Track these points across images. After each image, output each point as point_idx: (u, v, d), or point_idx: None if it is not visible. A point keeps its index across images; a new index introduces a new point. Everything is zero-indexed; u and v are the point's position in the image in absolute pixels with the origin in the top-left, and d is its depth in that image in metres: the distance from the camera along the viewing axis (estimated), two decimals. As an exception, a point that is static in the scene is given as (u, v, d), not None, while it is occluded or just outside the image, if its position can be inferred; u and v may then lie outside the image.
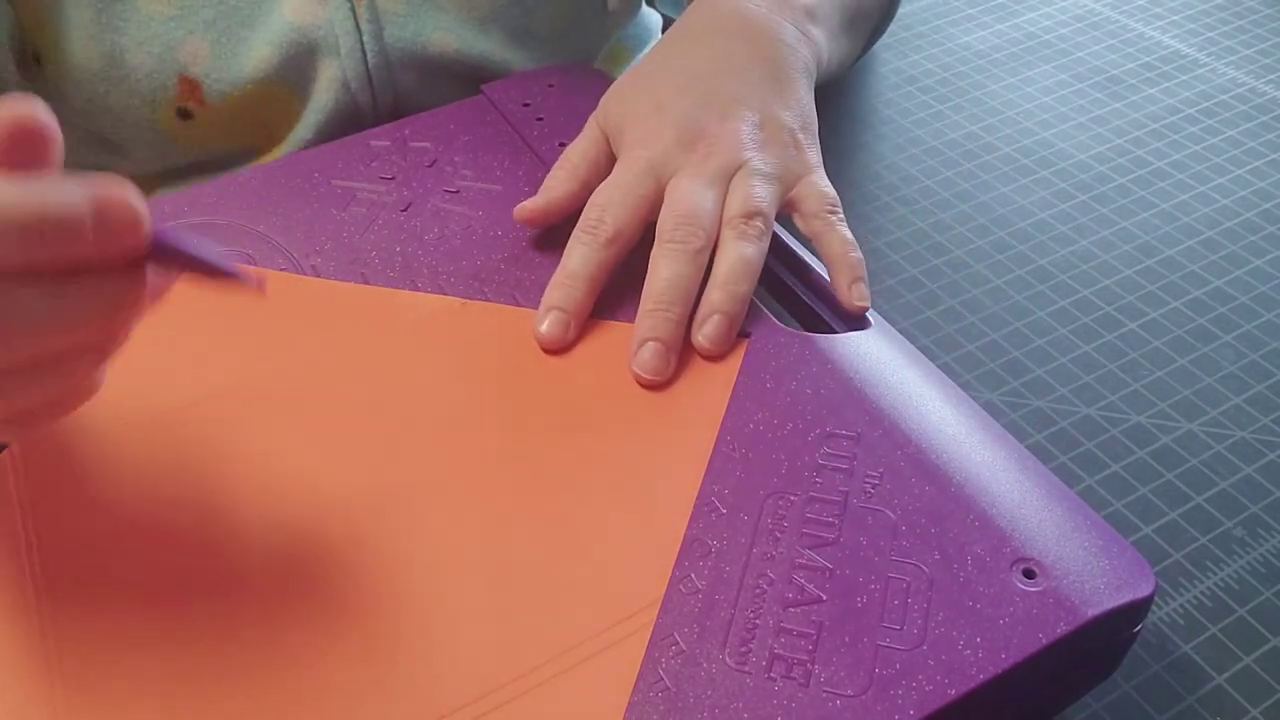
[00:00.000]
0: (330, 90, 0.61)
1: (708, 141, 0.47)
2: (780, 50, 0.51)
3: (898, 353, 0.43)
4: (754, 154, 0.47)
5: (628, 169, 0.47)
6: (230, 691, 0.34)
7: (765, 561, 0.36)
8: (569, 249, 0.45)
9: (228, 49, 0.59)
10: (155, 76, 0.59)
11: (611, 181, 0.47)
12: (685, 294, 0.44)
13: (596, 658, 0.34)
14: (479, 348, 0.45)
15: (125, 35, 0.59)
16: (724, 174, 0.46)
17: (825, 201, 0.47)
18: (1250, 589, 0.44)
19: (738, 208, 0.45)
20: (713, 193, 0.46)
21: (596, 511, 0.38)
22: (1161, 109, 0.69)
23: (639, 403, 0.42)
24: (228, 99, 0.60)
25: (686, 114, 0.48)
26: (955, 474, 0.38)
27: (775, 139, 0.48)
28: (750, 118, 0.48)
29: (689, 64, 0.51)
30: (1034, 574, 0.35)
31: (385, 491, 0.39)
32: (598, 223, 0.45)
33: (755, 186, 0.46)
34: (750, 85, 0.49)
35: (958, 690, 0.32)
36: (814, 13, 0.54)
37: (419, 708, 0.33)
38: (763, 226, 0.45)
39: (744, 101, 0.49)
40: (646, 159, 0.47)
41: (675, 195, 0.46)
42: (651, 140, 0.47)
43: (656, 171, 0.47)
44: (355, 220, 0.51)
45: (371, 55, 0.60)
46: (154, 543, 0.38)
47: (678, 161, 0.47)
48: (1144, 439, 0.50)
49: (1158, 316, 0.55)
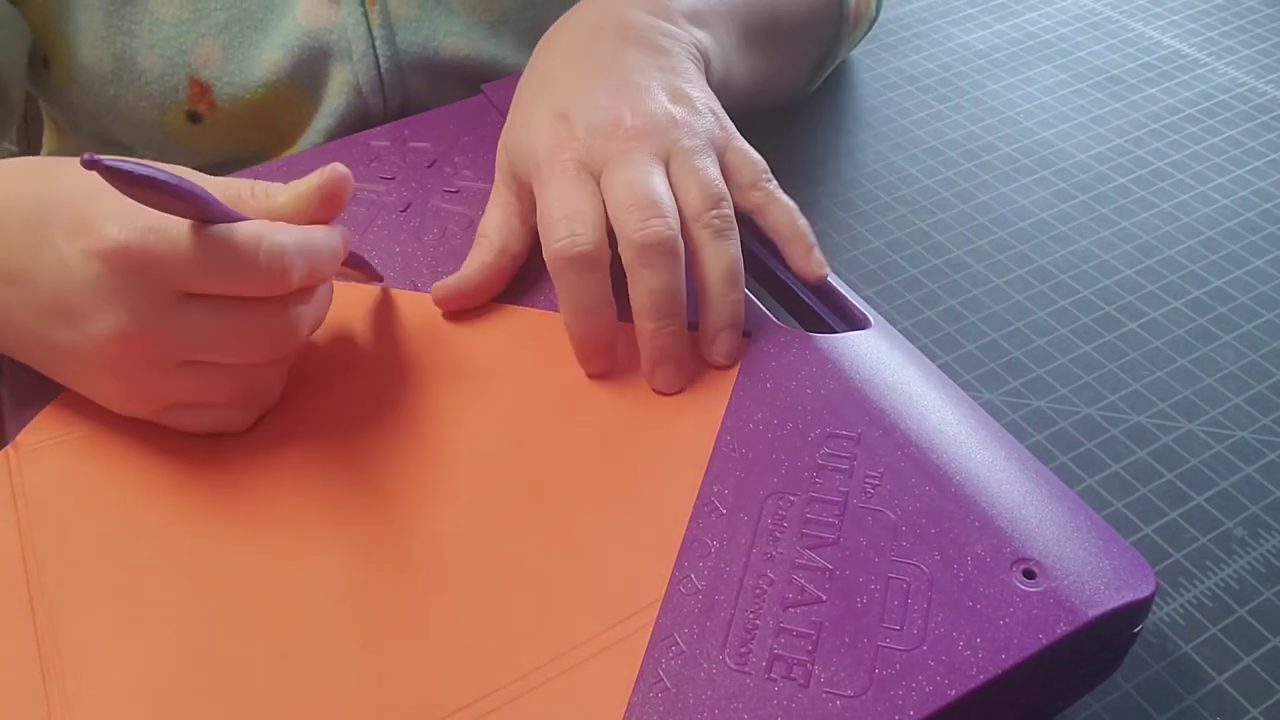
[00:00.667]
0: (341, 94, 0.61)
1: (627, 127, 0.44)
2: (663, 41, 0.49)
3: (898, 352, 0.43)
4: (679, 131, 0.45)
5: (560, 179, 0.43)
6: (229, 693, 0.34)
7: (765, 562, 0.36)
8: (562, 284, 0.42)
9: (239, 52, 0.59)
10: (166, 79, 0.59)
11: (554, 194, 0.43)
12: (678, 301, 0.42)
13: (596, 658, 0.34)
14: (478, 348, 0.45)
15: (136, 38, 0.58)
16: (658, 154, 0.44)
17: (758, 170, 0.46)
18: (1250, 589, 0.44)
19: (697, 198, 0.43)
20: (657, 174, 0.43)
21: (596, 512, 0.38)
22: (1161, 109, 0.69)
23: (639, 403, 0.42)
24: (238, 102, 0.60)
25: (596, 108, 0.45)
26: (955, 474, 0.38)
27: (691, 110, 0.46)
28: (659, 96, 0.46)
29: (580, 70, 0.48)
30: (1034, 574, 0.35)
31: (384, 491, 0.39)
32: (571, 242, 0.41)
33: (700, 169, 0.44)
34: (647, 71, 0.47)
35: (958, 691, 0.32)
36: (694, 17, 0.52)
37: (419, 708, 0.33)
38: (729, 213, 0.43)
39: (647, 85, 0.46)
40: (573, 160, 0.44)
41: (620, 186, 0.43)
42: (569, 142, 0.44)
43: (589, 168, 0.44)
44: (355, 220, 0.51)
45: (384, 59, 0.60)
46: (151, 543, 0.38)
47: (604, 152, 0.44)
48: (1144, 439, 0.50)
49: (1158, 316, 0.55)
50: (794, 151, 0.67)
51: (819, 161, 0.66)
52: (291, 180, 0.41)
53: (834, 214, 0.62)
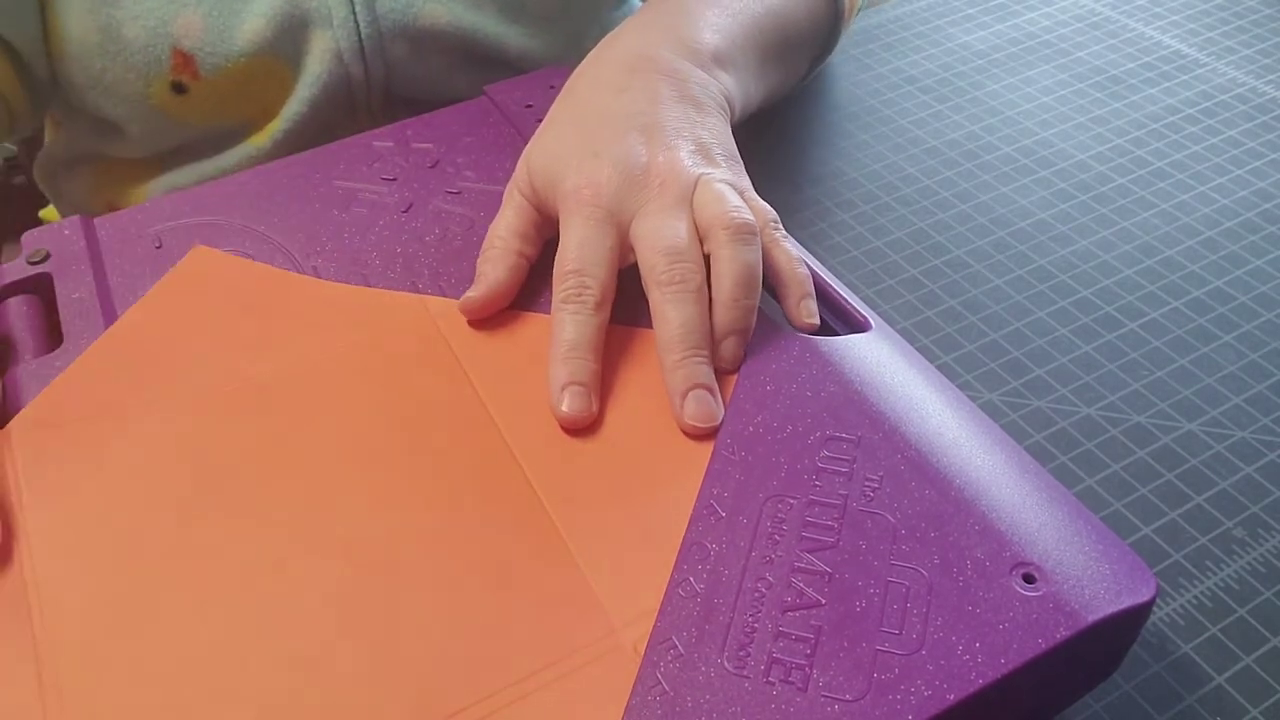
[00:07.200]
0: (323, 62, 0.62)
1: (656, 174, 0.46)
2: (694, 90, 0.50)
3: (898, 355, 0.44)
4: (704, 169, 0.47)
5: (585, 224, 0.45)
6: (222, 694, 0.34)
7: (764, 565, 0.36)
8: (559, 322, 0.43)
9: (221, 22, 0.60)
10: (150, 50, 0.60)
11: (575, 242, 0.44)
12: (704, 334, 0.43)
13: (593, 664, 0.34)
14: (477, 352, 0.45)
15: (121, 8, 0.60)
16: (684, 199, 0.45)
17: (767, 217, 0.47)
18: (1250, 589, 0.44)
19: (718, 210, 0.44)
20: (683, 222, 0.44)
21: (594, 517, 0.38)
22: (1161, 109, 0.69)
23: (636, 407, 0.42)
24: (221, 72, 0.61)
25: (627, 153, 0.46)
26: (955, 478, 0.38)
27: (713, 161, 0.48)
28: (687, 145, 0.47)
29: (612, 105, 0.49)
30: (1034, 579, 0.35)
31: (380, 495, 0.39)
32: (580, 288, 0.43)
33: (722, 192, 0.45)
34: (678, 118, 0.49)
35: (956, 695, 0.32)
36: (722, 59, 0.54)
37: (415, 711, 0.33)
38: (751, 221, 0.44)
39: (678, 131, 0.48)
40: (603, 209, 0.45)
41: (650, 234, 0.44)
42: (599, 188, 0.45)
43: (615, 219, 0.45)
44: (356, 221, 0.51)
45: (364, 26, 0.61)
46: (144, 543, 0.38)
47: (634, 201, 0.45)
48: (1144, 439, 0.50)
49: (1158, 316, 0.55)
50: (794, 151, 0.67)
51: (819, 161, 0.66)
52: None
53: (834, 214, 0.62)
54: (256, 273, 0.48)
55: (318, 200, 0.52)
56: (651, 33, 0.53)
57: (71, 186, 0.73)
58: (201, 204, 0.52)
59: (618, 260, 0.45)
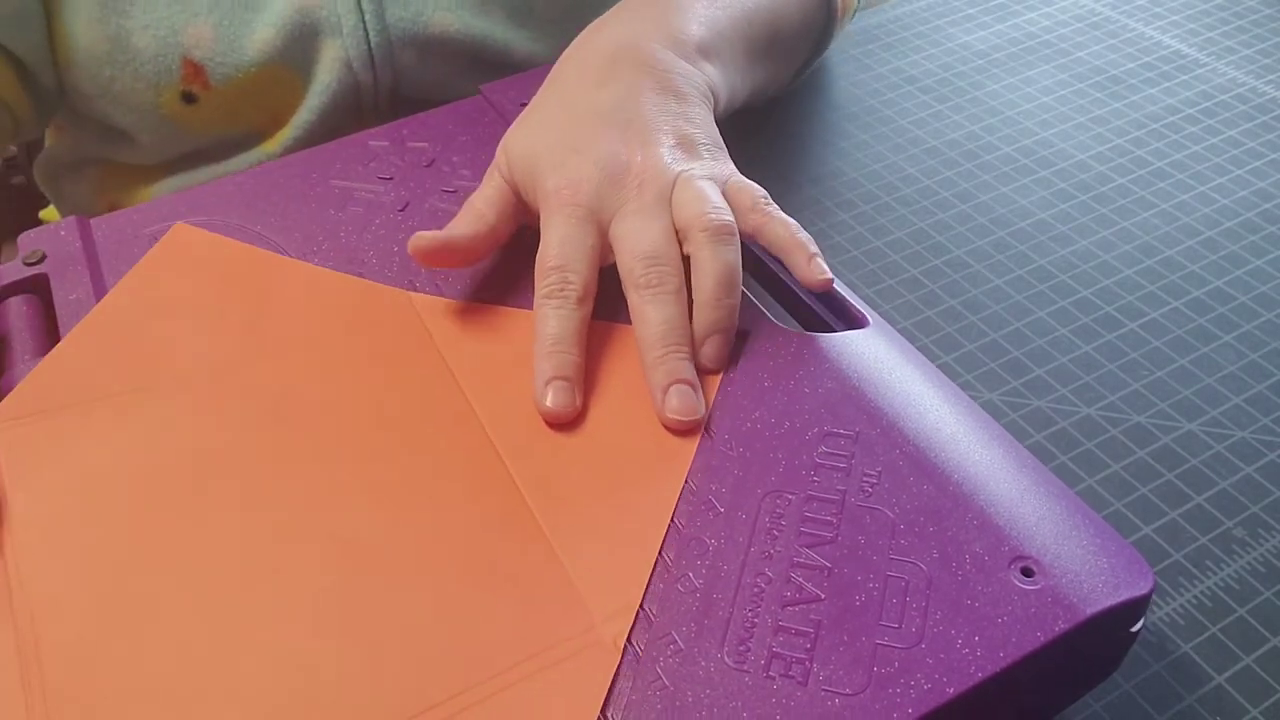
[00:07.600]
0: (333, 71, 0.62)
1: (636, 173, 0.46)
2: (677, 81, 0.50)
3: (896, 351, 0.43)
4: (684, 166, 0.47)
5: (566, 222, 0.45)
6: (203, 688, 0.33)
7: (763, 560, 0.36)
8: (542, 317, 0.43)
9: (231, 32, 0.60)
10: (160, 60, 0.60)
11: (557, 239, 0.45)
12: (684, 332, 0.43)
13: (572, 658, 0.34)
14: (462, 347, 0.45)
15: (130, 18, 0.60)
16: (663, 198, 0.45)
17: (756, 195, 0.47)
18: (1250, 589, 0.44)
19: (697, 208, 0.44)
20: (661, 223, 0.44)
21: (576, 513, 0.38)
22: (1161, 109, 0.69)
23: (619, 403, 0.42)
24: (231, 82, 0.61)
25: (607, 151, 0.46)
26: (953, 472, 0.38)
27: (694, 154, 0.48)
28: (667, 141, 0.47)
29: (594, 100, 0.49)
30: (1032, 572, 0.35)
31: (364, 487, 0.39)
32: (562, 284, 0.43)
33: (701, 191, 0.45)
34: (659, 112, 0.48)
35: (956, 689, 0.32)
36: (707, 51, 0.53)
37: (394, 704, 0.33)
38: (729, 220, 0.44)
39: (659, 126, 0.48)
40: (584, 207, 0.45)
41: (628, 236, 0.44)
42: (579, 185, 0.45)
43: (596, 217, 0.45)
44: (353, 220, 0.51)
45: (374, 34, 0.61)
46: (122, 535, 0.38)
47: (614, 200, 0.45)
48: (1144, 439, 0.49)
49: (1158, 316, 0.55)
50: (794, 151, 0.67)
51: (819, 161, 0.66)
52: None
53: (834, 214, 0.62)
54: (237, 253, 0.48)
55: (314, 199, 0.52)
56: (638, 22, 0.53)
57: (75, 188, 0.73)
58: (198, 204, 0.52)
59: (599, 257, 0.45)
